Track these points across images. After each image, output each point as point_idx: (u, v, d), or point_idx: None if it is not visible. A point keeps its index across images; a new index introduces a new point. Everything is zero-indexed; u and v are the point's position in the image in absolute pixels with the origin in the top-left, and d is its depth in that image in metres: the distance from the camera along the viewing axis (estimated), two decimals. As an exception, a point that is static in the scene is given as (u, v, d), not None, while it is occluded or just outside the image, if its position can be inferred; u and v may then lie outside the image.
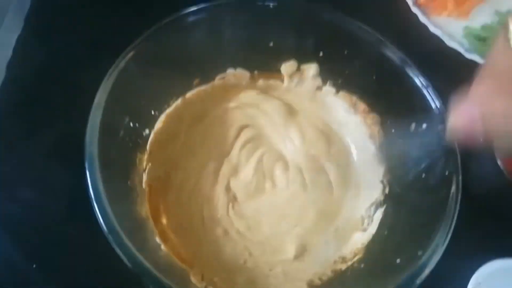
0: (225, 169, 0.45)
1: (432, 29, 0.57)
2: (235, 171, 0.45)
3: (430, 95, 0.40)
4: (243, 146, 0.46)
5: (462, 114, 0.29)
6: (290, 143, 0.47)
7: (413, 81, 0.41)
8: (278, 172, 0.45)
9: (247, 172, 0.44)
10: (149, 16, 0.42)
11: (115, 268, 0.39)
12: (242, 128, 0.47)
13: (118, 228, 0.33)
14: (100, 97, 0.36)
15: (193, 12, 0.41)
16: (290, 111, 0.48)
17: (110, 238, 0.32)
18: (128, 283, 0.39)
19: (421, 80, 0.40)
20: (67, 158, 0.47)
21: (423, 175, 0.39)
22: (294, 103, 0.49)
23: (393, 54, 0.42)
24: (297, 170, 0.45)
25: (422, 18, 0.58)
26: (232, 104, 0.48)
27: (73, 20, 0.55)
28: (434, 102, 0.39)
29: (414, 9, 0.58)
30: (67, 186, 0.45)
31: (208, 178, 0.44)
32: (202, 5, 0.41)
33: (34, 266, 0.42)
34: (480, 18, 0.61)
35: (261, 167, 0.45)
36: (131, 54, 0.38)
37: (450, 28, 0.58)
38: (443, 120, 0.38)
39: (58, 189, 0.45)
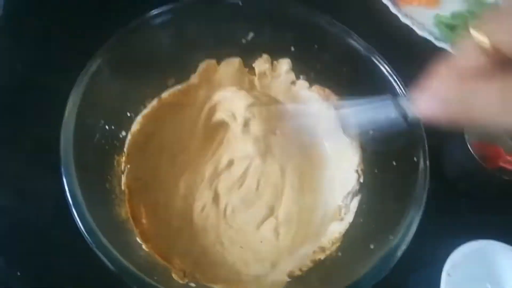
0: (204, 170, 0.46)
1: (402, 19, 0.58)
2: (215, 171, 0.46)
3: (396, 81, 0.41)
4: (221, 147, 0.47)
5: (433, 99, 0.27)
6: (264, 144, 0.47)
7: (380, 69, 0.42)
8: (254, 174, 0.45)
9: (226, 174, 0.45)
10: (119, 18, 0.42)
11: (100, 272, 0.40)
12: (218, 128, 0.48)
13: (96, 230, 0.33)
14: (73, 102, 0.36)
15: (160, 14, 0.41)
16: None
17: (89, 240, 0.32)
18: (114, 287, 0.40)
19: (387, 67, 0.41)
20: (46, 163, 0.46)
21: (394, 163, 0.41)
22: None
23: (358, 44, 0.43)
24: (272, 170, 0.46)
25: (392, 9, 0.59)
26: (208, 103, 0.49)
27: (44, 25, 0.55)
28: (399, 87, 0.41)
29: (385, 0, 0.59)
30: (47, 192, 0.46)
31: (188, 179, 0.45)
32: (168, 6, 0.42)
33: (18, 273, 0.42)
34: (450, 6, 0.62)
35: (237, 169, 0.46)
36: (100, 57, 0.39)
37: (420, 17, 0.60)
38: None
39: (39, 196, 0.46)
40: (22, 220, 0.44)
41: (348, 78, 0.45)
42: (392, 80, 0.41)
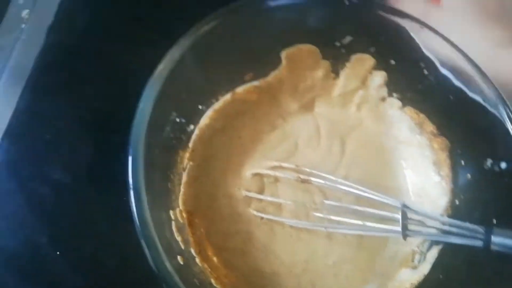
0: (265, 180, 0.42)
1: None
2: (275, 182, 0.42)
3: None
4: (282, 159, 0.42)
5: None
6: (333, 164, 0.43)
7: (504, 126, 0.35)
8: (317, 198, 0.41)
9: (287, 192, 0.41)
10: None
11: (141, 269, 0.37)
12: (282, 138, 0.43)
13: (155, 238, 0.30)
14: (151, 91, 0.32)
15: (253, 3, 0.36)
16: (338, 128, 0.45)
17: (147, 252, 0.29)
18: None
19: (510, 113, 0.35)
20: (103, 138, 0.44)
21: (494, 220, 0.35)
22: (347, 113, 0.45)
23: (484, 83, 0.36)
24: (337, 197, 0.41)
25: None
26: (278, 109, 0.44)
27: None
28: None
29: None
30: (101, 169, 0.43)
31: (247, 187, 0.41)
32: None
33: (58, 253, 0.40)
34: None
35: (299, 191, 0.41)
36: (188, 42, 0.34)
37: None
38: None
39: (91, 172, 0.43)
40: (70, 198, 0.41)
41: (454, 109, 0.39)
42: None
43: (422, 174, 0.42)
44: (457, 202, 0.39)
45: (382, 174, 0.44)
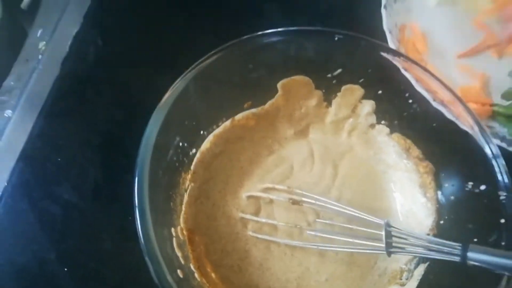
0: (261, 201, 0.44)
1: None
2: (271, 203, 0.44)
3: (498, 165, 0.37)
4: (278, 181, 0.45)
5: None
6: (326, 186, 0.46)
7: (482, 150, 0.37)
8: (311, 217, 0.43)
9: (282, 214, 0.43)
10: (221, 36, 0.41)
11: (142, 284, 0.39)
12: (278, 162, 0.46)
13: (158, 253, 0.32)
14: (157, 118, 0.35)
15: (265, 35, 0.40)
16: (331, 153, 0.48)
17: (150, 265, 0.31)
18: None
19: (493, 149, 0.37)
20: (111, 161, 0.47)
21: (475, 239, 0.37)
22: (339, 139, 0.48)
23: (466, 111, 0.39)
24: (329, 217, 0.43)
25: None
26: (275, 135, 0.48)
27: (135, 22, 0.55)
28: (501, 174, 0.36)
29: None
30: (108, 190, 0.46)
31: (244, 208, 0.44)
32: (274, 30, 0.40)
33: (65, 269, 0.42)
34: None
35: (293, 212, 0.43)
36: (191, 74, 0.38)
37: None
38: (507, 188, 0.36)
39: (99, 192, 0.46)
40: (78, 216, 0.44)
41: (438, 135, 0.42)
42: (495, 166, 0.36)
43: (409, 196, 0.44)
44: (441, 222, 0.41)
45: (373, 196, 0.46)
